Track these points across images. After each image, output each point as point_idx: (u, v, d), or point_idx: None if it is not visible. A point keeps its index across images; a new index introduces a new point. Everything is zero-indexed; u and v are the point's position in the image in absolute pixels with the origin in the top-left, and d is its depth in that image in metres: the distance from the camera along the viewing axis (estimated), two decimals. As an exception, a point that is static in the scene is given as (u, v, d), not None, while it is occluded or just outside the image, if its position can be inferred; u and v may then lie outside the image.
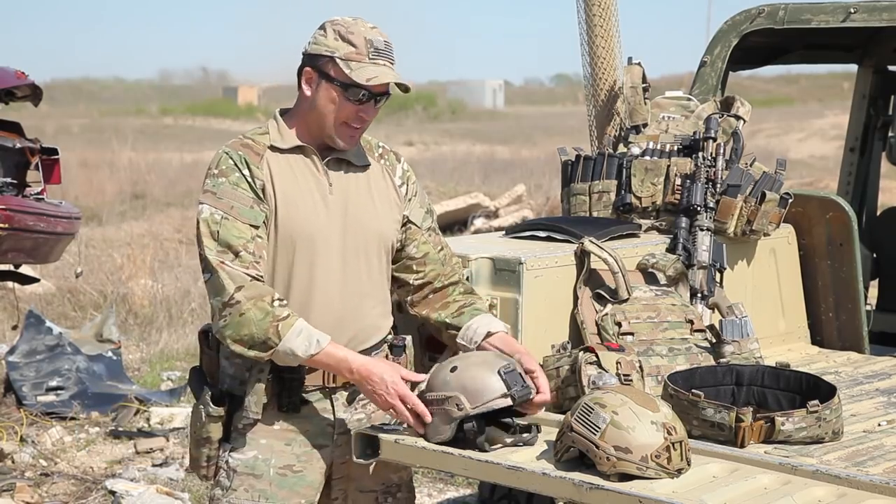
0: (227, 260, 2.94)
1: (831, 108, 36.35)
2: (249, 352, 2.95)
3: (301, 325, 2.94)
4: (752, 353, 3.61)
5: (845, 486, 2.78)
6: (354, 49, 3.00)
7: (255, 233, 2.99)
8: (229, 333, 2.94)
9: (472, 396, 2.92)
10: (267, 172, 3.05)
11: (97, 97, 48.92)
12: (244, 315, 2.91)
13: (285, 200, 3.05)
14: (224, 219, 2.97)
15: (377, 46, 3.01)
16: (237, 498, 3.12)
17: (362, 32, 3.02)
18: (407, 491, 3.32)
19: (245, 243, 2.96)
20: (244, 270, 2.94)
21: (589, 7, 4.58)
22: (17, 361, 7.70)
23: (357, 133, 3.09)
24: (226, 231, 2.97)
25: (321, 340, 2.95)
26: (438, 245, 3.28)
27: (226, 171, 3.03)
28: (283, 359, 2.96)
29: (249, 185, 3.01)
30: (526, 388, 2.97)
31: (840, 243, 4.36)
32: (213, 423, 3.11)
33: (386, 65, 3.03)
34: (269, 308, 2.92)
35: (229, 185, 3.01)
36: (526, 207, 15.12)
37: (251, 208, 3.00)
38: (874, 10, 4.46)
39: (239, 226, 2.97)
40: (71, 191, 15.99)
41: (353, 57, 3.00)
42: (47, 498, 5.90)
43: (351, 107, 3.03)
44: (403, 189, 3.24)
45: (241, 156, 3.04)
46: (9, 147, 6.73)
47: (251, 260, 2.96)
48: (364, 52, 3.00)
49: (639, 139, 4.27)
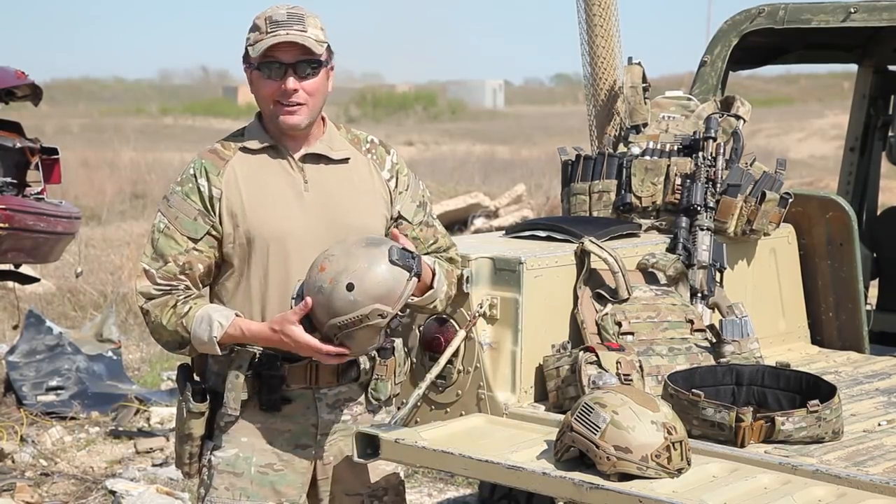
0: (156, 268, 3.06)
1: (831, 108, 36.34)
2: (177, 351, 3.09)
3: (202, 313, 3.02)
4: (752, 353, 3.61)
5: (845, 485, 2.79)
6: (258, 31, 3.05)
7: (192, 245, 3.06)
8: (155, 339, 3.11)
9: (387, 299, 2.88)
10: (231, 178, 3.08)
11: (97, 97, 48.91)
12: (156, 322, 3.06)
13: (252, 203, 3.07)
14: (166, 228, 3.08)
15: (276, 20, 3.03)
16: (218, 496, 3.13)
17: (266, 14, 3.06)
18: (394, 495, 3.30)
19: (177, 255, 3.06)
20: (164, 282, 3.05)
21: (589, 7, 4.58)
22: (17, 361, 7.70)
23: (296, 109, 3.06)
24: (164, 241, 3.07)
25: (223, 322, 3.00)
26: (430, 239, 3.25)
27: (184, 181, 3.11)
28: (201, 349, 3.05)
29: (200, 196, 3.07)
30: (414, 256, 2.94)
31: (840, 243, 4.36)
32: (194, 419, 3.13)
33: (282, 32, 3.02)
34: (173, 310, 3.04)
35: (182, 195, 3.09)
36: (526, 207, 15.11)
37: (194, 220, 3.07)
38: (874, 10, 4.46)
39: (177, 237, 3.06)
40: (71, 191, 15.98)
41: (257, 38, 3.04)
42: (47, 498, 5.90)
43: (272, 84, 3.04)
44: (392, 182, 3.22)
45: (202, 165, 3.10)
46: (9, 147, 6.72)
47: (176, 272, 3.05)
48: (265, 31, 3.03)
49: (639, 139, 4.27)
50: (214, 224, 3.07)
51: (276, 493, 3.12)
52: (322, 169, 3.13)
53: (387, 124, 36.30)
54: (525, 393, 3.47)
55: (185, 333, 3.03)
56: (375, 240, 2.97)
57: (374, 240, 2.97)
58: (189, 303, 3.05)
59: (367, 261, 2.89)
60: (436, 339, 3.50)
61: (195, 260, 3.06)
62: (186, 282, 3.07)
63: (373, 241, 2.95)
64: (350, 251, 2.91)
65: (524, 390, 3.47)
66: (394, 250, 2.91)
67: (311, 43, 3.02)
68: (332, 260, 2.91)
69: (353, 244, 2.94)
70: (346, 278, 2.87)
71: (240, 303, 3.09)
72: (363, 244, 2.93)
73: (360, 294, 2.86)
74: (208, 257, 3.08)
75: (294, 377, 3.10)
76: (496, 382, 3.46)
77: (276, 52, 3.02)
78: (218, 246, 3.08)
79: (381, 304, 2.88)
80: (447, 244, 3.29)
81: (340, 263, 2.89)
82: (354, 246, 2.93)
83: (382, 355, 3.17)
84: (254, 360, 3.07)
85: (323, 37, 3.06)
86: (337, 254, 2.92)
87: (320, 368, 3.11)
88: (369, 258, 2.89)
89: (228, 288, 3.11)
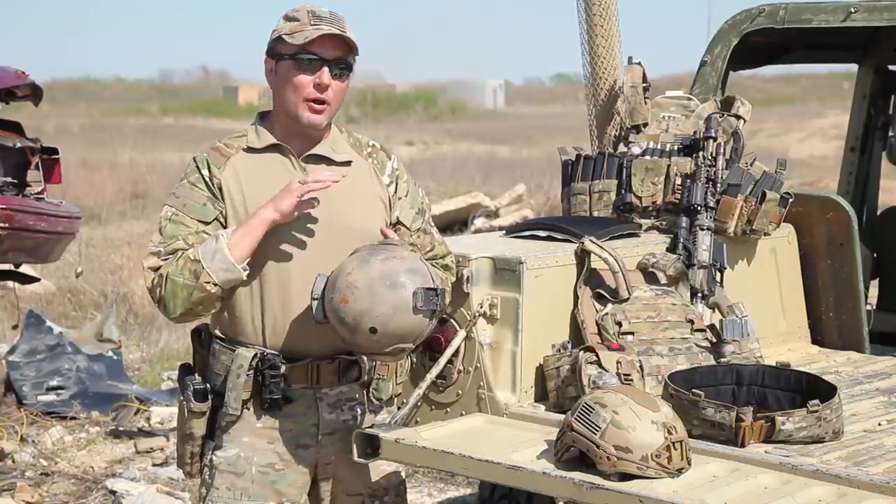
0: (163, 246, 3.02)
1: (831, 108, 36.31)
2: (193, 307, 2.98)
3: (206, 243, 2.98)
4: (753, 353, 3.61)
5: (845, 485, 2.79)
6: (298, 22, 3.04)
7: (203, 228, 3.05)
8: (170, 308, 2.99)
9: (408, 339, 2.94)
10: (232, 174, 3.08)
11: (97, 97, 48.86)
12: (166, 279, 2.97)
13: (252, 201, 3.06)
14: (174, 215, 3.06)
15: (319, 14, 3.04)
16: (220, 496, 3.13)
17: (306, 7, 3.06)
18: (395, 495, 3.30)
19: (186, 235, 3.03)
20: (170, 255, 2.99)
21: (589, 7, 4.58)
22: (17, 361, 7.70)
23: (322, 108, 3.06)
24: (172, 226, 3.05)
25: (224, 233, 2.98)
26: (427, 246, 3.24)
27: (188, 174, 3.11)
28: (217, 274, 2.96)
29: (206, 184, 3.07)
30: (438, 292, 2.95)
31: (840, 243, 4.36)
32: (195, 419, 3.12)
33: (325, 26, 3.02)
34: (181, 260, 2.97)
35: (188, 185, 3.09)
36: (526, 207, 15.12)
37: (203, 205, 3.07)
38: (874, 10, 4.46)
39: (186, 220, 3.05)
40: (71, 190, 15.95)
41: (296, 29, 3.04)
42: (47, 498, 5.90)
43: (305, 78, 3.04)
44: (392, 188, 3.22)
45: (204, 157, 3.11)
46: (9, 147, 6.72)
47: (183, 247, 3.01)
48: (306, 22, 3.03)
49: (639, 139, 4.27)
50: (223, 210, 3.06)
51: (277, 492, 3.12)
52: (324, 170, 3.12)
53: (387, 124, 36.29)
54: (525, 393, 3.47)
55: (194, 265, 2.95)
56: (398, 273, 2.92)
57: (397, 273, 2.92)
58: (186, 250, 3.01)
59: (391, 307, 2.90)
60: (436, 338, 3.50)
61: (201, 240, 3.02)
62: None
63: (395, 280, 2.91)
64: (374, 289, 2.89)
65: (524, 390, 3.47)
66: (419, 295, 2.91)
67: (353, 43, 3.04)
68: (355, 294, 2.89)
69: (377, 278, 2.90)
70: (370, 322, 2.90)
71: (240, 302, 3.09)
72: (387, 283, 2.90)
73: (384, 337, 2.92)
74: None
75: (295, 377, 3.10)
76: (496, 382, 3.46)
77: (316, 46, 3.02)
78: None
79: (402, 343, 2.94)
80: (443, 252, 3.29)
81: (364, 303, 2.89)
82: (378, 281, 2.90)
83: None
84: (255, 360, 3.06)
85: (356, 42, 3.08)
86: (360, 286, 2.89)
87: (321, 368, 3.11)
88: (394, 304, 2.90)
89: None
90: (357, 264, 2.94)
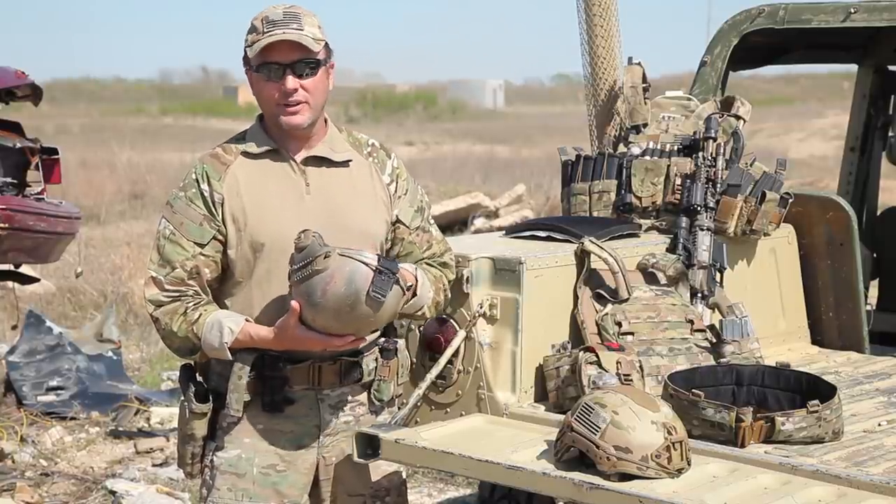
0: (163, 274, 3.06)
1: (831, 108, 36.32)
2: (188, 357, 3.12)
3: (213, 319, 3.01)
4: (753, 353, 3.61)
5: (845, 485, 2.79)
6: (255, 33, 3.03)
7: (199, 251, 3.06)
8: (166, 345, 3.11)
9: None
10: (233, 183, 3.07)
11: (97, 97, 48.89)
12: (167, 329, 3.06)
13: (254, 208, 3.06)
14: (172, 234, 3.07)
15: (272, 20, 3.01)
16: (221, 497, 3.13)
17: (262, 14, 3.04)
18: (396, 495, 3.29)
19: (184, 261, 3.05)
20: (172, 288, 3.04)
21: (589, 7, 4.58)
22: (17, 361, 7.70)
23: (298, 109, 3.05)
24: (170, 248, 3.06)
25: (233, 328, 3.00)
26: (424, 244, 3.24)
27: (186, 186, 3.10)
28: (212, 355, 3.06)
29: (204, 201, 3.07)
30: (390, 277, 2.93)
31: (840, 243, 4.36)
32: (196, 420, 3.12)
33: (278, 31, 3.00)
34: (184, 317, 3.03)
35: (185, 200, 3.08)
36: (526, 207, 15.12)
37: (200, 226, 3.06)
38: (874, 10, 4.46)
39: (184, 243, 3.05)
40: (71, 191, 15.97)
41: (254, 40, 3.02)
42: (47, 498, 5.90)
43: (271, 85, 3.03)
44: (392, 187, 3.21)
45: (204, 169, 3.09)
46: (9, 147, 6.72)
47: (184, 277, 3.05)
48: (261, 31, 3.01)
49: (639, 139, 4.27)
50: (220, 228, 3.06)
51: (278, 493, 3.12)
52: (324, 172, 3.12)
53: (387, 124, 36.30)
54: (525, 393, 3.47)
55: (195, 340, 3.02)
56: (350, 294, 2.89)
57: (349, 294, 2.90)
58: (199, 309, 3.04)
59: (358, 311, 2.90)
60: (436, 339, 3.51)
61: (202, 265, 3.05)
62: (195, 287, 3.06)
63: (355, 300, 2.89)
64: (340, 314, 2.92)
65: (524, 390, 3.47)
66: (371, 288, 2.88)
67: (308, 41, 3.00)
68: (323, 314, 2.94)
69: (337, 308, 2.91)
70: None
71: (242, 307, 3.08)
72: (347, 305, 2.90)
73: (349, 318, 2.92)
74: (215, 262, 3.07)
75: (297, 378, 3.10)
76: (496, 382, 3.46)
77: (273, 53, 3.00)
78: (223, 250, 3.08)
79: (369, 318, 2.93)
80: (441, 249, 3.28)
81: (332, 321, 2.94)
82: (342, 307, 2.90)
83: (385, 356, 3.17)
84: (257, 362, 3.06)
85: (321, 35, 3.04)
86: (329, 309, 2.92)
87: (323, 370, 3.11)
88: (358, 310, 2.90)
89: (231, 292, 3.11)
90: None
